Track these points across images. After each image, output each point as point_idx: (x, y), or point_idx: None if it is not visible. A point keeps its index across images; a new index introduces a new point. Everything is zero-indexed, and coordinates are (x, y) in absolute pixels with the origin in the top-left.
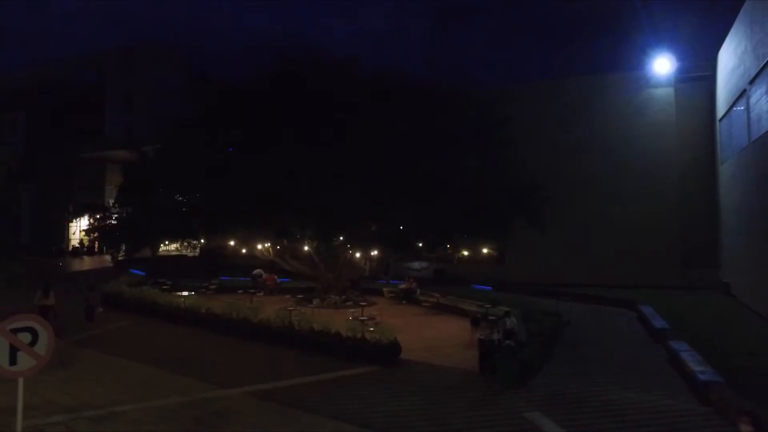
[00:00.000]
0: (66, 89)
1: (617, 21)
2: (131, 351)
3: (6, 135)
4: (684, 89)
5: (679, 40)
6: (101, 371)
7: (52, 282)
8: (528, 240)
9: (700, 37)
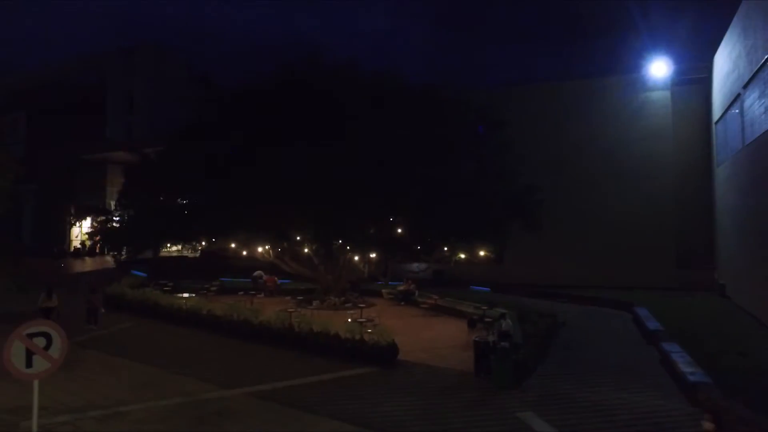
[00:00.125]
0: (66, 90)
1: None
2: (134, 352)
3: (7, 136)
4: (680, 92)
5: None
6: (105, 372)
7: (54, 284)
8: (526, 241)
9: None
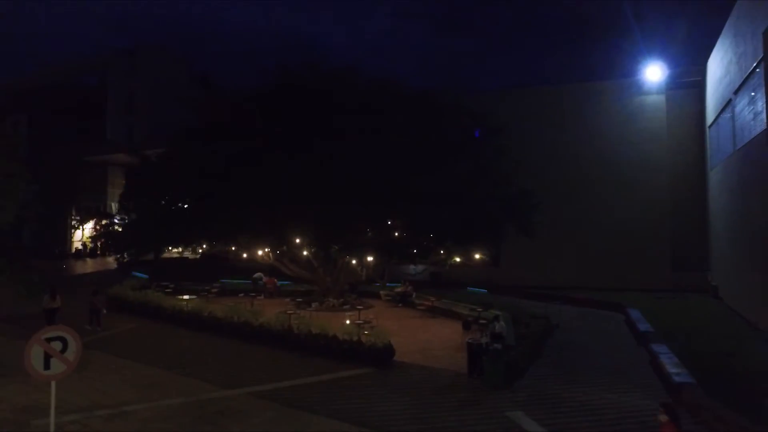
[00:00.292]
0: (67, 92)
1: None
2: (137, 353)
3: (12, 141)
4: (675, 96)
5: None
6: (110, 372)
7: (57, 285)
8: (522, 243)
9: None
